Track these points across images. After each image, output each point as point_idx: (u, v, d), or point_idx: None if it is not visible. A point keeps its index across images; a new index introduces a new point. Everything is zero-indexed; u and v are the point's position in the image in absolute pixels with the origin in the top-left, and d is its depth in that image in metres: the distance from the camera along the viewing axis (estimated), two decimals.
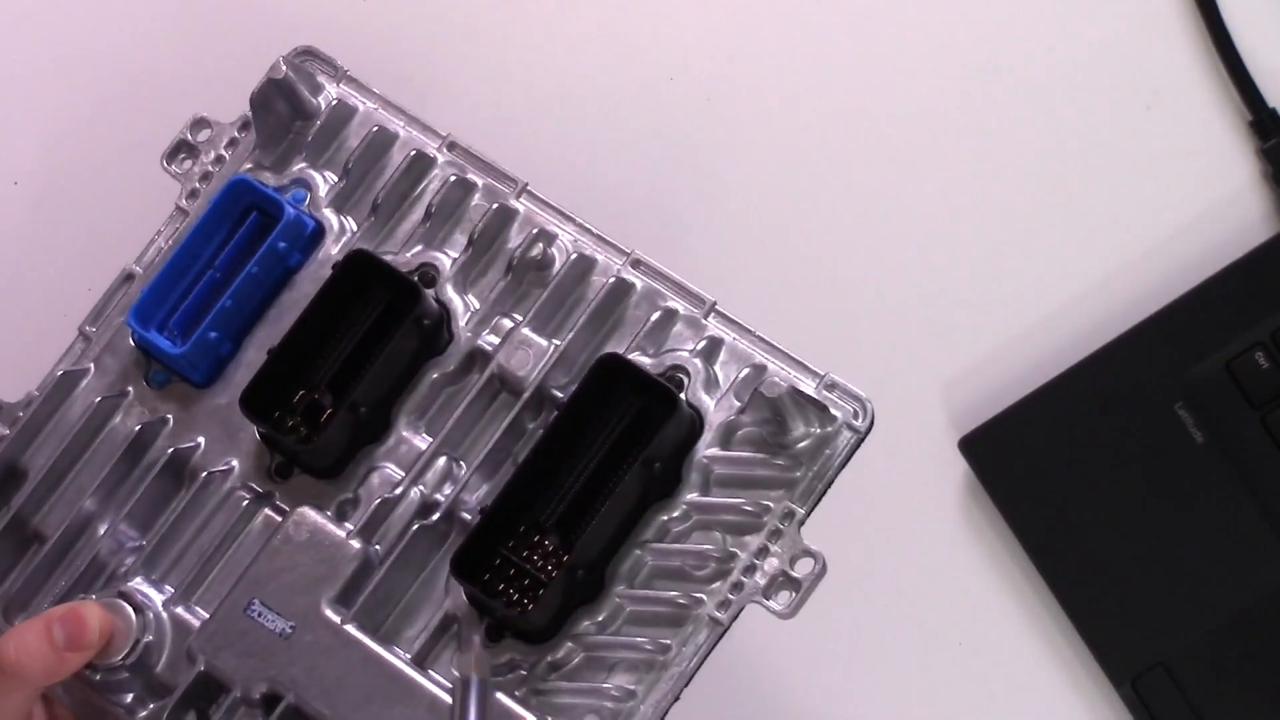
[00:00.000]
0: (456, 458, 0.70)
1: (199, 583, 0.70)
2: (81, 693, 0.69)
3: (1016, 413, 0.80)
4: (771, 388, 0.67)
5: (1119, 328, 0.80)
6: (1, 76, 0.89)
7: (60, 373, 0.73)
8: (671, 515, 0.69)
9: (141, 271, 0.74)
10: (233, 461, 0.71)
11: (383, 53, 0.86)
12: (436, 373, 0.71)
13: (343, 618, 0.68)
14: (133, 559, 0.71)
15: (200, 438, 0.72)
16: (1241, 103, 0.83)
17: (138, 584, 0.70)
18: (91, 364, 0.73)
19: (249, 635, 0.68)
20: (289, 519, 0.69)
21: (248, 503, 0.71)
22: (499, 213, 0.72)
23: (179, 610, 0.70)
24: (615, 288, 0.71)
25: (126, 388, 0.73)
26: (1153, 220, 0.82)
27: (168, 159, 0.75)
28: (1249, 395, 0.79)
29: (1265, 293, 0.80)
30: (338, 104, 0.74)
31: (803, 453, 0.68)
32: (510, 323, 0.71)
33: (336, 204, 0.73)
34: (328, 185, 0.73)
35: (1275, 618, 0.78)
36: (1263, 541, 0.78)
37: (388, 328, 0.70)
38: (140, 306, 0.71)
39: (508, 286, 0.71)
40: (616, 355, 0.69)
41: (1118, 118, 0.83)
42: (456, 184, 0.73)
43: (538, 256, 0.71)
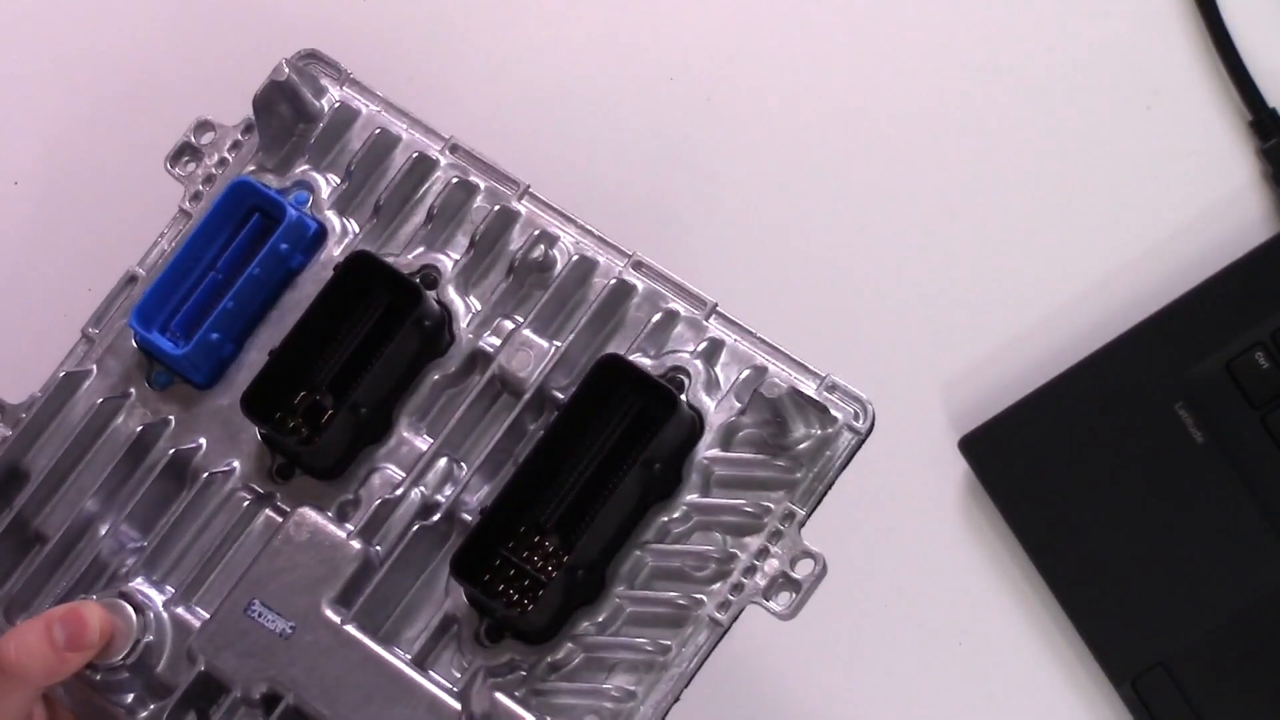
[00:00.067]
0: (457, 459, 0.70)
1: (200, 583, 0.70)
2: (82, 693, 0.70)
3: (1016, 413, 0.80)
4: (772, 389, 0.67)
5: (1119, 328, 0.80)
6: (1, 76, 0.89)
7: (63, 374, 0.73)
8: (672, 516, 0.69)
9: (144, 273, 0.74)
10: (234, 462, 0.71)
11: (383, 53, 0.86)
12: (438, 374, 0.71)
13: (343, 618, 0.68)
14: (134, 559, 0.71)
15: (202, 439, 0.72)
16: (1241, 103, 0.83)
17: (138, 584, 0.70)
18: (94, 365, 0.73)
19: (249, 635, 0.68)
20: (290, 519, 0.69)
21: (249, 503, 0.71)
22: (501, 215, 0.72)
23: (179, 610, 0.70)
24: (616, 289, 0.71)
25: (128, 389, 0.73)
26: (1153, 220, 0.82)
27: (171, 161, 0.75)
28: (1249, 395, 0.79)
29: (1265, 293, 0.80)
30: (340, 106, 0.74)
31: (803, 454, 0.68)
32: (511, 324, 0.71)
33: (339, 206, 0.73)
34: (330, 187, 0.73)
35: (1275, 618, 0.78)
36: (1263, 541, 0.78)
37: (389, 329, 0.70)
38: (142, 308, 0.71)
39: (509, 288, 0.71)
40: (617, 356, 0.69)
41: (1118, 118, 0.83)
42: (458, 186, 0.73)
43: (539, 258, 0.71)
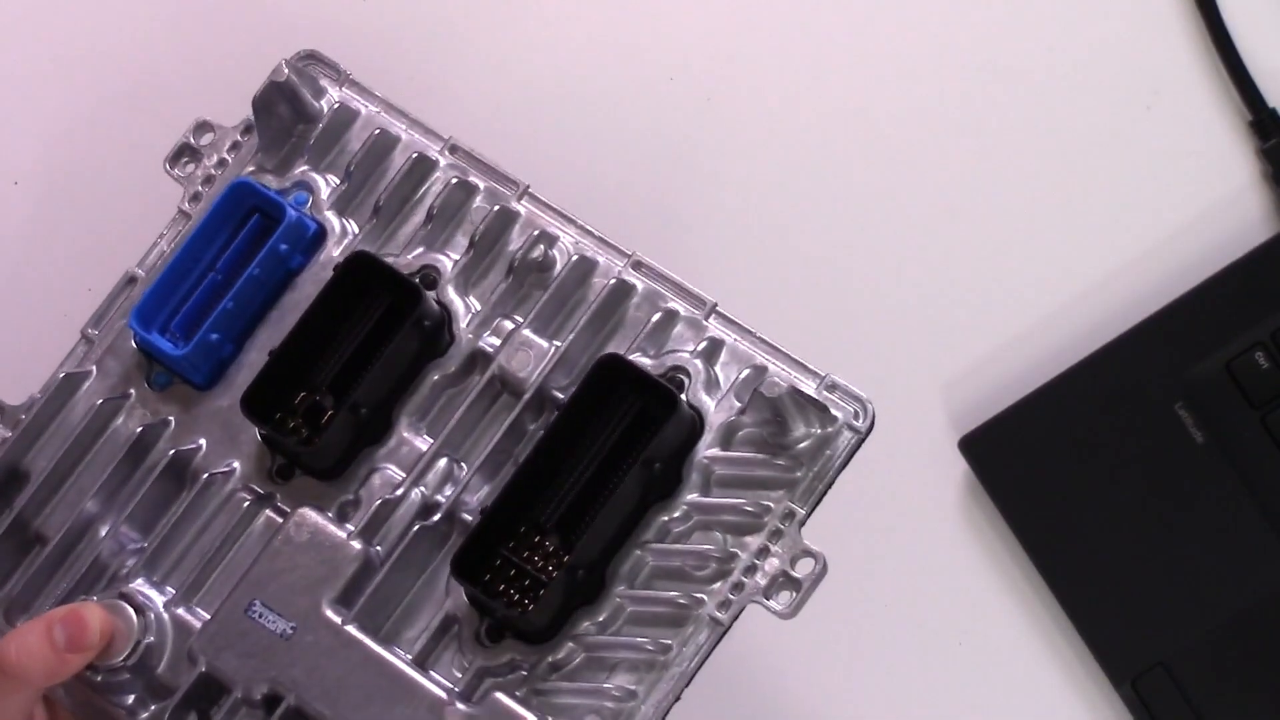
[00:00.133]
0: (457, 459, 0.70)
1: (200, 584, 0.70)
2: (83, 694, 0.69)
3: (1016, 413, 0.80)
4: (772, 388, 0.67)
5: (1119, 328, 0.80)
6: (1, 76, 0.89)
7: (62, 375, 0.73)
8: (672, 515, 0.69)
9: (143, 274, 0.74)
10: (234, 463, 0.71)
11: (383, 53, 0.86)
12: (437, 374, 0.71)
13: (344, 618, 0.68)
14: (134, 560, 0.71)
15: (201, 439, 0.72)
16: (1241, 103, 0.83)
17: (139, 585, 0.70)
18: (93, 366, 0.73)
19: (250, 636, 0.68)
20: (290, 520, 0.69)
21: (249, 504, 0.71)
22: (500, 215, 0.72)
23: (180, 611, 0.70)
24: (616, 289, 0.71)
25: (128, 390, 0.73)
26: (1153, 220, 0.82)
27: (170, 162, 0.74)
28: (1249, 395, 0.79)
29: (1265, 293, 0.80)
30: (340, 107, 0.74)
31: (803, 453, 0.68)
32: (511, 324, 0.71)
33: (338, 206, 0.73)
34: (329, 188, 0.73)
35: (1275, 618, 0.78)
36: (1263, 541, 0.78)
37: (389, 329, 0.70)
38: (142, 309, 0.71)
39: (509, 288, 0.71)
40: (617, 356, 0.69)
41: (1118, 118, 0.83)
42: (458, 186, 0.73)
43: (539, 258, 0.71)
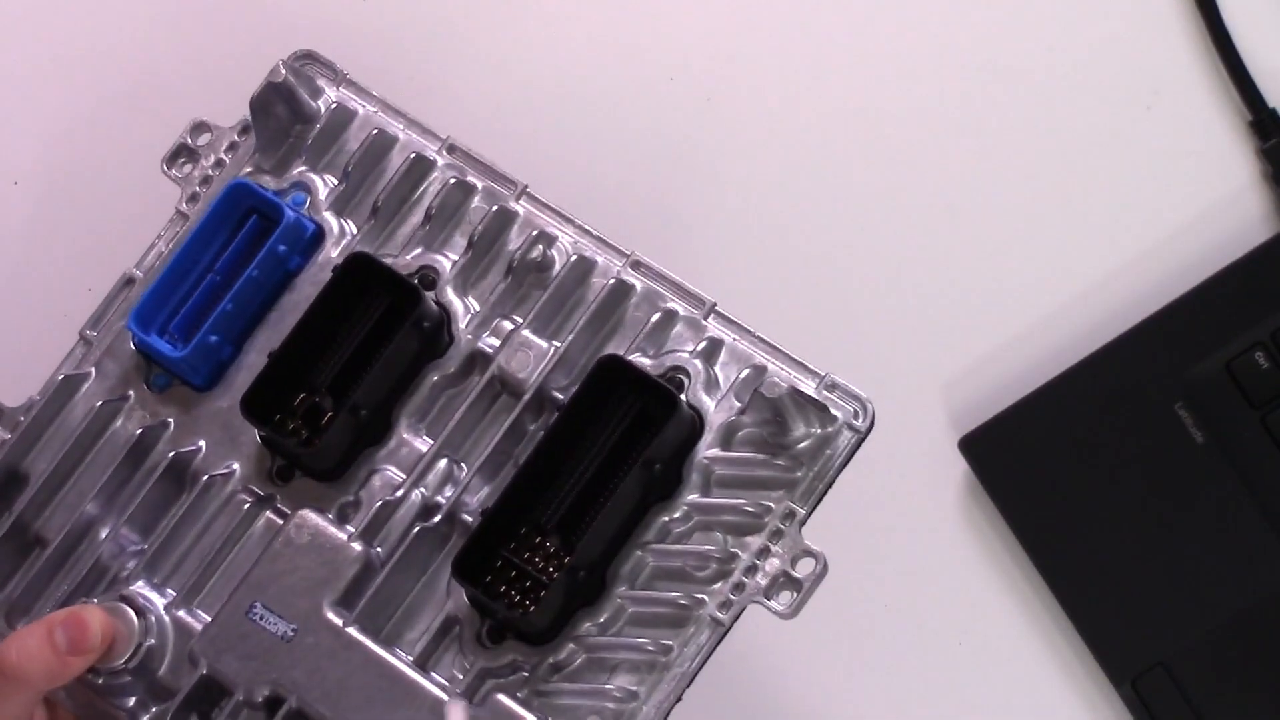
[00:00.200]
0: (457, 460, 0.70)
1: (201, 586, 0.70)
2: (84, 696, 0.69)
3: (1016, 413, 0.80)
4: (772, 388, 0.67)
5: (1119, 328, 0.80)
6: (1, 76, 0.89)
7: (61, 377, 0.72)
8: (672, 516, 0.69)
9: (142, 275, 0.74)
10: (234, 465, 0.71)
11: (383, 53, 0.86)
12: (437, 375, 0.71)
13: (344, 620, 0.68)
14: (134, 563, 0.70)
15: (201, 441, 0.72)
16: (1241, 103, 0.83)
17: (139, 588, 0.70)
18: (92, 368, 0.73)
19: (251, 638, 0.68)
20: (290, 522, 0.69)
21: (249, 506, 0.71)
22: (499, 215, 0.72)
23: (181, 614, 0.70)
24: (615, 289, 0.71)
25: (127, 391, 0.72)
26: (1153, 220, 0.82)
27: (168, 163, 0.74)
28: (1249, 395, 0.79)
29: (1265, 293, 0.79)
30: (337, 107, 0.74)
31: (803, 453, 0.68)
32: (510, 325, 0.71)
33: (336, 207, 0.73)
34: (327, 188, 0.73)
35: (1275, 618, 0.78)
36: (1263, 541, 0.78)
37: (388, 330, 0.70)
38: (141, 310, 0.71)
39: (508, 288, 0.71)
40: (617, 357, 0.69)
41: (1118, 118, 0.83)
42: (456, 186, 0.72)
43: (538, 258, 0.71)
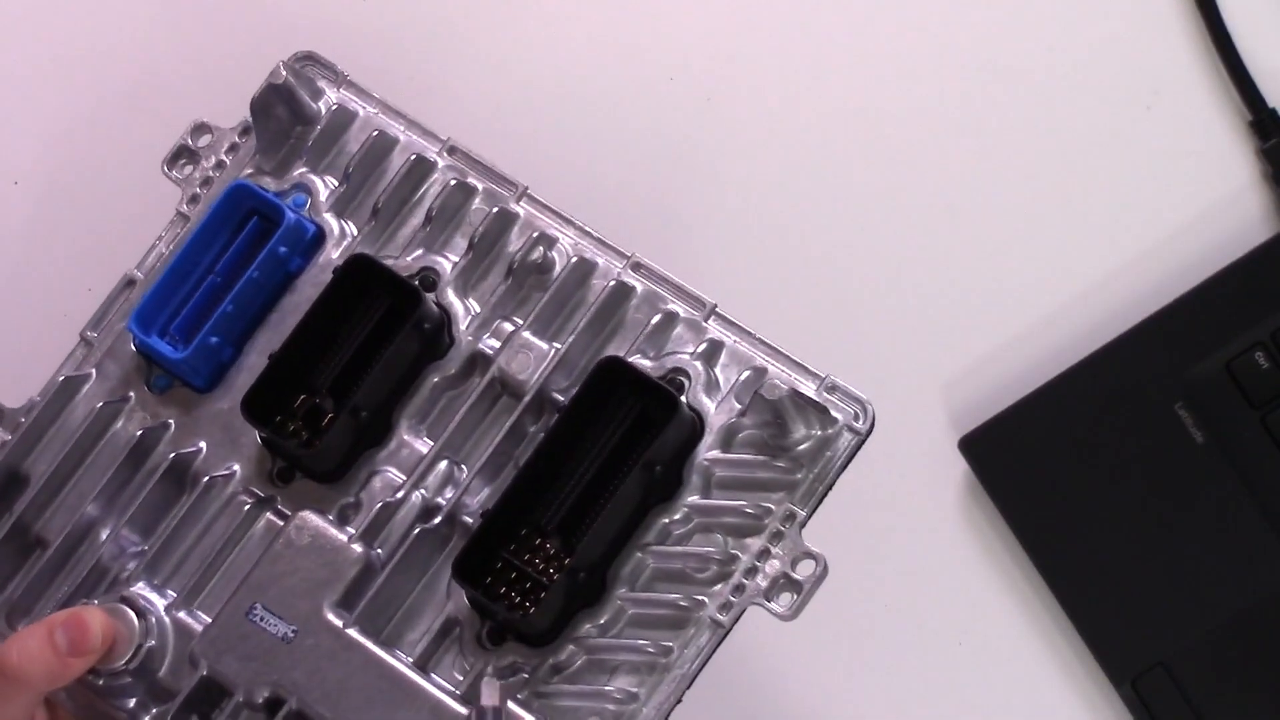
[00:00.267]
0: (458, 461, 0.70)
1: (201, 587, 0.70)
2: (84, 698, 0.69)
3: (1016, 413, 0.80)
4: (772, 390, 0.67)
5: (1119, 328, 0.80)
6: (1, 76, 0.89)
7: (62, 378, 0.72)
8: (673, 518, 0.69)
9: (142, 276, 0.74)
10: (234, 466, 0.71)
11: (383, 53, 0.86)
12: (437, 376, 0.71)
13: (345, 621, 0.68)
14: (135, 564, 0.71)
15: (202, 442, 0.72)
16: (1241, 103, 0.83)
17: (140, 589, 0.70)
18: (93, 369, 0.73)
19: (251, 639, 0.68)
20: (290, 523, 0.69)
21: (249, 507, 0.71)
22: (499, 216, 0.72)
23: (181, 615, 0.70)
24: (616, 291, 0.71)
25: (128, 393, 0.73)
26: (1153, 220, 0.82)
27: (168, 164, 0.74)
28: (1249, 395, 0.79)
29: (1265, 293, 0.80)
30: (338, 109, 0.74)
31: (804, 455, 0.68)
32: (511, 326, 0.71)
33: (337, 209, 0.73)
34: (328, 190, 0.73)
35: (1275, 618, 0.78)
36: (1263, 541, 0.78)
37: (389, 332, 0.70)
38: (141, 312, 0.71)
39: (508, 290, 0.71)
40: (617, 358, 0.69)
41: (1118, 118, 0.83)
42: (457, 188, 0.72)
43: (538, 260, 0.71)
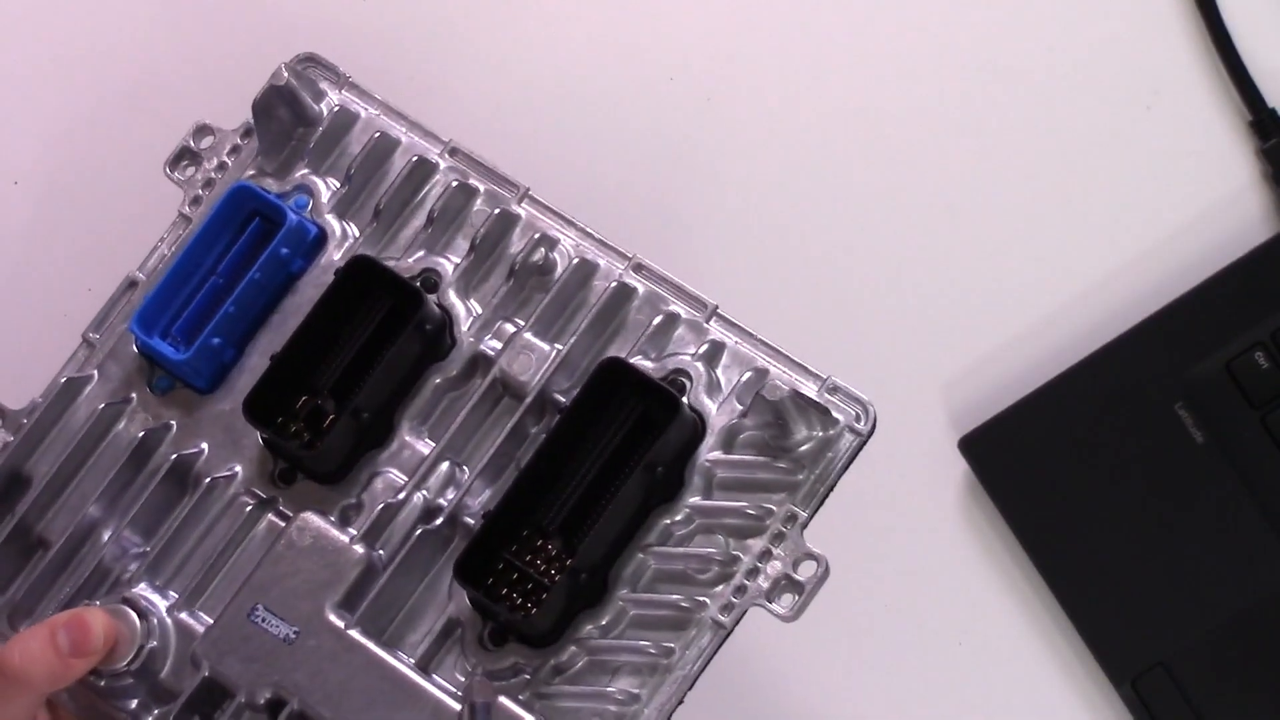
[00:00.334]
0: (459, 462, 0.70)
1: (203, 589, 0.70)
2: (86, 698, 0.69)
3: (1016, 413, 0.80)
4: (773, 391, 0.67)
5: (1119, 328, 0.80)
6: (1, 76, 0.89)
7: (64, 379, 0.72)
8: (674, 519, 0.69)
9: (144, 278, 0.74)
10: (236, 467, 0.71)
11: (383, 53, 0.86)
12: (439, 378, 0.71)
13: (346, 623, 0.68)
14: (137, 565, 0.71)
15: (203, 444, 0.72)
16: (1241, 103, 0.83)
17: (142, 590, 0.70)
18: (95, 370, 0.73)
19: (253, 641, 0.68)
20: (292, 524, 0.69)
21: (251, 508, 0.71)
22: (501, 218, 0.72)
23: (183, 616, 0.70)
24: (617, 292, 0.71)
25: (130, 394, 0.73)
26: (1153, 220, 0.82)
27: (170, 166, 0.74)
28: (1249, 395, 0.79)
29: (1265, 293, 0.80)
30: (340, 110, 0.74)
31: (805, 456, 0.68)
32: (512, 327, 0.71)
33: (339, 210, 0.73)
34: (330, 191, 0.73)
35: (1275, 618, 0.78)
36: (1263, 541, 0.78)
37: (390, 333, 0.70)
38: (143, 313, 0.71)
39: (510, 291, 0.71)
40: (618, 359, 0.69)
41: (1118, 118, 0.83)
42: (458, 189, 0.72)
43: (540, 261, 0.71)
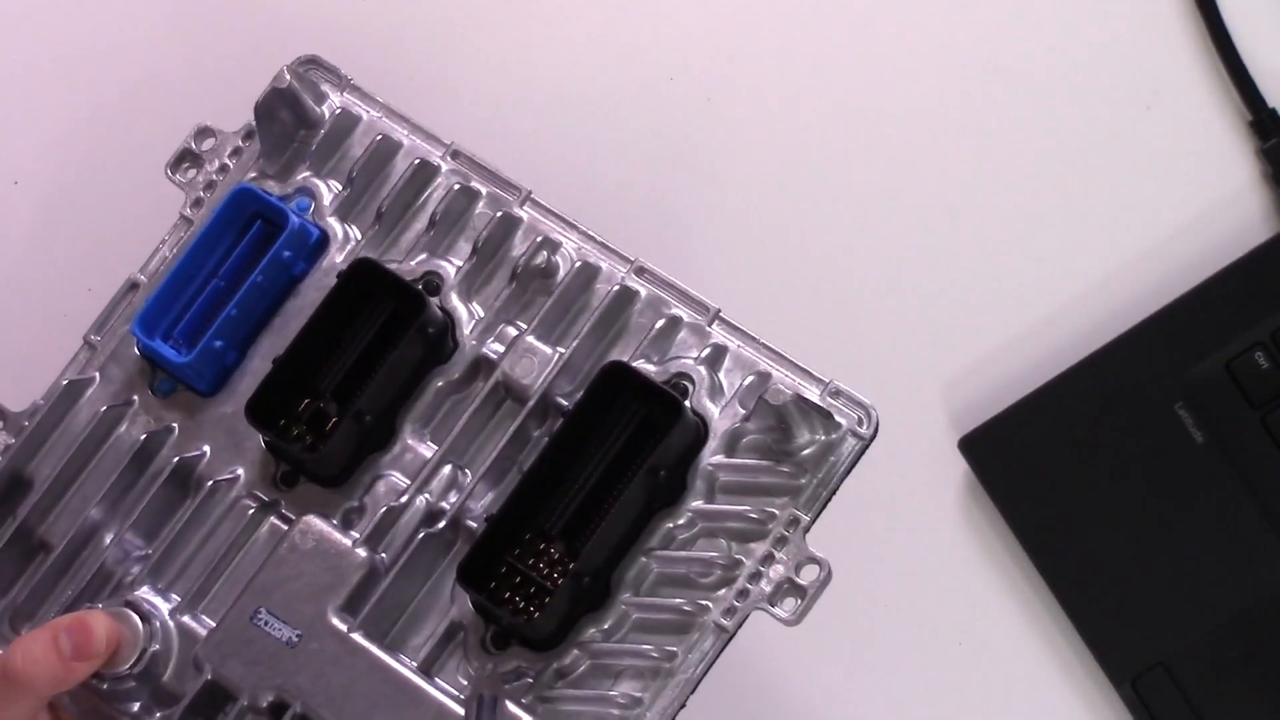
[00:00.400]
0: (462, 466, 0.70)
1: (205, 592, 0.70)
2: (88, 702, 0.69)
3: (1016, 413, 0.81)
4: (776, 395, 0.67)
5: (1119, 328, 0.80)
6: (1, 76, 0.89)
7: (65, 382, 0.72)
8: (677, 523, 0.69)
9: (146, 280, 0.73)
10: (238, 470, 0.71)
11: (383, 54, 0.86)
12: (441, 381, 0.71)
13: (349, 626, 0.68)
14: (139, 568, 0.71)
15: (206, 446, 0.72)
16: (1241, 103, 0.83)
17: (144, 593, 0.70)
18: (97, 373, 0.73)
19: (255, 644, 0.68)
20: (294, 527, 0.69)
21: (253, 511, 0.71)
22: (503, 221, 0.72)
23: (185, 619, 0.70)
24: (619, 295, 0.71)
25: (132, 397, 0.72)
26: (1153, 220, 0.82)
27: (172, 167, 0.74)
28: (1249, 395, 0.79)
29: (1265, 293, 0.80)
30: (341, 113, 0.74)
31: (807, 460, 0.68)
32: (515, 331, 0.71)
33: (341, 213, 0.73)
34: (332, 194, 0.73)
35: (1275, 618, 0.78)
36: (1263, 541, 0.78)
37: (393, 336, 0.70)
38: (145, 315, 0.71)
39: (512, 294, 0.71)
40: (621, 363, 0.69)
41: (1118, 118, 0.83)
42: (460, 192, 0.72)
43: (542, 264, 0.71)
